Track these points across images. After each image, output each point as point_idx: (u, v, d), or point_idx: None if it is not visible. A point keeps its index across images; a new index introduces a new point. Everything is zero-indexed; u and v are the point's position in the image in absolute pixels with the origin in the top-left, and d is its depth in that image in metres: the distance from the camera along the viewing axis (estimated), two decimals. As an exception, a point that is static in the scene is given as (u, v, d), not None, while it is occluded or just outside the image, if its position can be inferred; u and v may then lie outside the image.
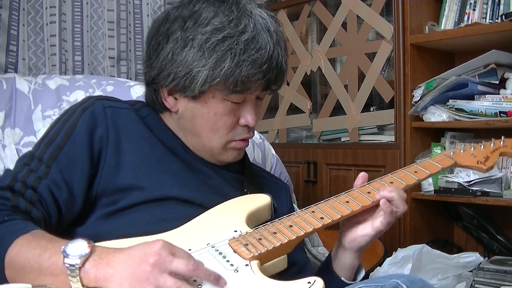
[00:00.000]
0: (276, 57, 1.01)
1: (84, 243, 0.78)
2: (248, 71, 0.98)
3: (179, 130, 1.10)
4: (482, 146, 1.13)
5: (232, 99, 1.02)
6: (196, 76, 0.99)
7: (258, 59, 0.98)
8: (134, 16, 2.31)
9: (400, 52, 2.27)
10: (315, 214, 0.97)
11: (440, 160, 1.10)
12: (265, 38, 0.99)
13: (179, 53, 1.00)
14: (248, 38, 0.98)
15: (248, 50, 0.98)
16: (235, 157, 1.10)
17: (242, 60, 0.97)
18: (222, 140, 1.06)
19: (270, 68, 1.00)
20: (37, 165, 0.96)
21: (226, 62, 0.97)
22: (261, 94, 1.07)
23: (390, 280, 0.89)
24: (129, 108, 1.08)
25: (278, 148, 2.10)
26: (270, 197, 1.05)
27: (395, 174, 1.05)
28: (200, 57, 0.98)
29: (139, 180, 0.99)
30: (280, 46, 1.03)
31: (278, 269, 0.93)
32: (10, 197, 0.91)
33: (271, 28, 1.02)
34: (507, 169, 2.10)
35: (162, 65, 1.03)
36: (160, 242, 0.78)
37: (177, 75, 1.01)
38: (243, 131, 1.07)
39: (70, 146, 0.98)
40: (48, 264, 0.79)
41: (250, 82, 0.99)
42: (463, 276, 1.89)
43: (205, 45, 0.98)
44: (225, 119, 1.04)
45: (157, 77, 1.05)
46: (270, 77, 1.01)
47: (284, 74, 1.06)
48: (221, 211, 1.00)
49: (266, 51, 0.99)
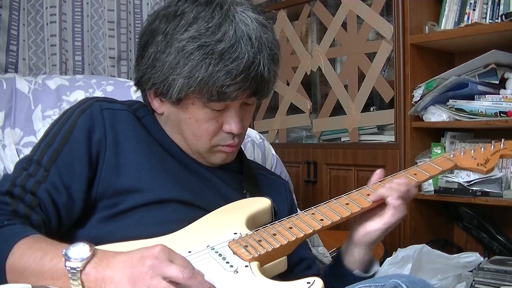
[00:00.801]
0: (256, 67, 0.97)
1: (86, 247, 0.79)
2: (223, 81, 0.95)
3: (169, 131, 1.09)
4: (482, 149, 1.13)
5: (212, 107, 1.00)
6: (172, 83, 0.98)
7: (233, 70, 0.95)
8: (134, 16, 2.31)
9: (400, 52, 2.27)
10: (315, 216, 0.97)
11: (440, 162, 1.10)
12: (244, 48, 0.96)
13: (158, 58, 0.99)
14: (224, 47, 0.95)
15: (223, 60, 0.95)
16: (224, 159, 1.09)
17: (217, 70, 0.95)
18: (206, 146, 1.05)
19: (248, 78, 0.97)
20: (35, 169, 0.96)
21: (201, 72, 0.95)
22: (247, 100, 1.03)
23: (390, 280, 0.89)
24: (127, 109, 1.07)
25: (278, 148, 2.10)
26: (270, 201, 1.05)
27: (395, 177, 1.06)
28: (176, 64, 0.97)
29: (138, 182, 0.99)
30: (263, 55, 0.98)
31: (278, 270, 0.93)
32: (10, 202, 0.90)
33: (253, 35, 0.97)
34: (507, 169, 2.10)
35: (143, 68, 1.03)
36: (159, 246, 0.78)
37: (156, 81, 1.00)
38: (227, 137, 1.05)
39: (68, 149, 0.98)
40: (49, 267, 0.79)
41: (225, 93, 0.97)
42: (463, 276, 1.89)
43: (181, 52, 0.96)
44: (206, 125, 1.02)
45: (141, 80, 1.05)
46: (247, 87, 0.98)
47: (268, 82, 1.01)
48: (221, 214, 1.00)
49: (243, 61, 0.95)
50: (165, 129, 1.10)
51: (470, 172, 2.08)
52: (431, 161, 1.10)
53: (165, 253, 0.77)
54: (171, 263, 0.76)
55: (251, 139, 1.66)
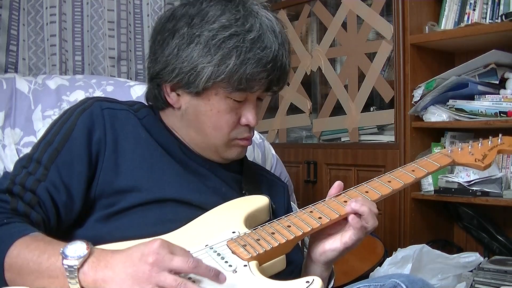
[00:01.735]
0: (281, 57, 1.02)
1: (83, 245, 0.78)
2: (253, 69, 0.99)
3: (181, 128, 1.10)
4: (479, 144, 1.13)
5: (235, 97, 1.03)
6: (201, 72, 0.99)
7: (263, 58, 0.99)
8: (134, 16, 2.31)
9: (400, 52, 2.27)
10: (313, 214, 0.96)
11: (438, 158, 1.10)
12: (271, 38, 1.01)
13: (184, 49, 1.01)
14: (254, 37, 0.99)
15: (254, 48, 0.99)
16: (239, 154, 1.11)
17: (248, 58, 0.98)
18: (224, 138, 1.07)
19: (275, 68, 1.02)
20: (35, 167, 0.96)
21: (232, 60, 0.98)
22: (262, 95, 1.08)
23: (390, 279, 0.89)
24: (127, 109, 1.08)
25: (278, 148, 2.10)
26: (268, 198, 1.05)
27: (393, 173, 1.05)
28: (206, 53, 0.99)
29: (137, 181, 0.99)
30: (285, 48, 1.04)
31: (277, 269, 0.93)
32: (9, 200, 0.91)
33: (277, 29, 1.03)
34: (507, 169, 2.10)
35: (167, 60, 1.03)
36: (158, 241, 0.78)
37: (182, 71, 1.01)
38: (244, 130, 1.08)
39: (68, 148, 0.98)
40: (47, 265, 0.79)
41: (254, 81, 1.01)
42: (463, 276, 1.89)
43: (211, 41, 0.99)
44: (227, 117, 1.05)
45: (162, 72, 1.05)
46: (273, 77, 1.03)
47: (287, 75, 1.08)
48: (219, 213, 1.00)
49: (271, 50, 1.00)
50: (177, 126, 1.10)
51: (470, 172, 2.08)
52: (428, 157, 1.10)
53: (165, 247, 0.77)
54: (174, 255, 0.76)
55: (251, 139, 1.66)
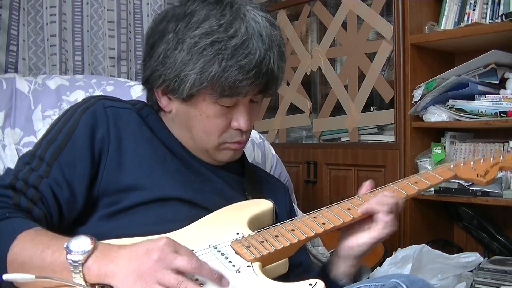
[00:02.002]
0: (267, 63, 0.99)
1: (87, 240, 0.79)
2: (235, 76, 0.97)
3: (176, 130, 1.10)
4: (482, 161, 1.16)
5: (223, 103, 1.02)
6: (184, 79, 0.99)
7: (246, 65, 0.97)
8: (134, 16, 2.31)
9: (400, 52, 2.27)
10: (317, 220, 0.97)
11: (441, 172, 1.13)
12: (255, 44, 0.98)
13: (169, 55, 1.00)
14: (237, 43, 0.97)
15: (236, 55, 0.97)
16: (231, 157, 1.10)
17: (229, 65, 0.97)
18: (214, 142, 1.06)
19: (259, 74, 0.99)
20: (38, 164, 0.96)
21: (214, 67, 0.97)
22: (255, 97, 1.06)
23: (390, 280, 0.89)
24: (130, 108, 1.08)
25: (278, 148, 2.10)
26: (272, 203, 1.05)
27: (397, 184, 1.07)
28: (188, 60, 0.98)
29: (140, 180, 1.00)
30: (273, 51, 1.00)
31: (279, 272, 0.93)
32: (12, 195, 0.91)
33: (264, 32, 1.00)
34: (507, 169, 2.10)
35: (154, 66, 1.04)
36: (164, 239, 0.78)
37: (167, 77, 1.01)
38: (236, 134, 1.06)
39: (71, 146, 0.98)
40: (51, 260, 0.79)
41: (237, 88, 0.99)
42: (463, 276, 1.89)
43: (193, 48, 0.97)
44: (217, 122, 1.04)
45: (150, 77, 1.06)
46: (259, 83, 1.00)
47: (277, 79, 1.04)
48: (224, 214, 1.00)
49: (255, 57, 0.97)
50: (172, 127, 1.10)
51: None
52: (432, 170, 1.13)
53: (170, 245, 0.77)
54: (178, 254, 0.77)
55: (251, 139, 1.66)
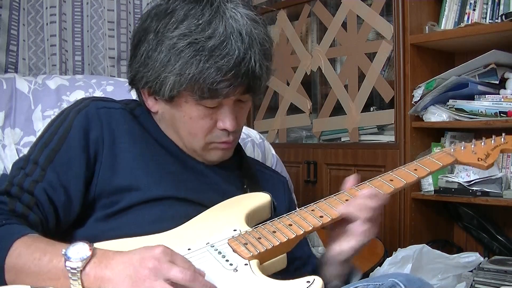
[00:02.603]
0: (247, 63, 0.96)
1: (85, 246, 0.78)
2: (213, 78, 0.95)
3: (165, 129, 1.09)
4: (482, 143, 1.12)
5: (205, 104, 1.00)
6: (165, 81, 0.98)
7: (223, 66, 0.94)
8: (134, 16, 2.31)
9: (400, 52, 2.27)
10: (314, 213, 0.96)
11: (440, 157, 1.09)
12: (234, 44, 0.95)
13: (150, 56, 0.99)
14: (214, 44, 0.94)
15: (213, 56, 0.94)
16: (221, 157, 1.09)
17: (207, 67, 0.94)
18: (201, 143, 1.05)
19: (238, 75, 0.96)
20: (32, 168, 0.95)
21: (192, 69, 0.95)
22: (241, 97, 1.02)
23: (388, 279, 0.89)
24: (123, 108, 1.07)
25: (278, 148, 2.10)
26: (270, 196, 1.04)
27: (395, 172, 1.05)
28: (167, 62, 0.97)
29: (136, 180, 0.99)
30: (254, 50, 0.97)
31: (278, 268, 0.93)
32: (7, 201, 0.90)
33: (243, 31, 0.97)
34: (507, 169, 2.10)
35: (136, 67, 1.03)
36: (160, 247, 0.78)
37: (149, 79, 1.00)
38: (222, 135, 1.04)
39: (65, 149, 0.98)
40: (49, 267, 0.79)
41: (216, 90, 0.96)
42: (463, 276, 1.89)
43: (172, 50, 0.96)
44: (201, 123, 1.02)
45: (134, 78, 1.05)
46: (239, 83, 0.97)
47: (260, 79, 1.00)
48: (220, 210, 1.00)
49: (233, 57, 0.95)
50: (161, 127, 1.09)
51: (470, 171, 2.08)
52: (431, 156, 1.09)
53: (166, 255, 0.77)
54: (173, 265, 0.76)
55: (251, 139, 1.66)
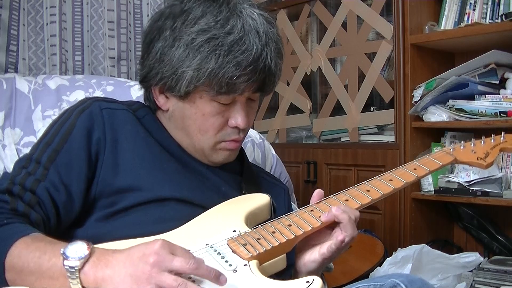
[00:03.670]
0: (264, 59, 0.99)
1: (84, 245, 0.78)
2: (232, 73, 0.97)
3: (172, 129, 1.09)
4: (482, 142, 1.12)
5: (220, 100, 1.01)
6: (181, 76, 0.99)
7: (242, 61, 0.97)
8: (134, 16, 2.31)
9: (400, 52, 2.27)
10: (314, 213, 0.96)
11: (440, 156, 1.09)
12: (252, 40, 0.98)
13: (166, 53, 1.00)
14: (233, 39, 0.97)
15: (232, 51, 0.97)
16: (226, 158, 1.09)
17: (226, 61, 0.96)
18: (211, 141, 1.05)
19: (256, 70, 0.99)
20: (35, 167, 0.96)
21: (211, 63, 0.96)
22: (252, 95, 1.05)
23: (389, 279, 0.89)
24: (126, 109, 1.08)
25: (278, 148, 2.10)
26: (269, 197, 1.04)
27: (395, 172, 1.05)
28: (185, 57, 0.98)
29: (137, 181, 0.99)
30: (270, 48, 1.00)
31: (277, 268, 0.92)
32: (9, 200, 0.90)
33: (261, 29, 1.00)
34: (507, 169, 2.10)
35: (151, 63, 1.04)
36: (159, 241, 0.77)
37: (164, 75, 1.01)
38: (232, 132, 1.06)
39: (67, 149, 0.98)
40: (48, 266, 0.79)
41: (235, 84, 0.98)
42: (463, 276, 1.89)
43: (190, 45, 0.98)
44: (213, 120, 1.03)
45: (148, 75, 1.06)
46: (256, 79, 1.00)
47: (274, 76, 1.04)
48: (220, 211, 1.00)
49: (252, 53, 0.97)
50: (168, 126, 1.10)
51: (470, 171, 2.08)
52: (430, 155, 1.09)
53: (166, 247, 0.77)
54: (174, 256, 0.76)
55: (251, 139, 1.66)
